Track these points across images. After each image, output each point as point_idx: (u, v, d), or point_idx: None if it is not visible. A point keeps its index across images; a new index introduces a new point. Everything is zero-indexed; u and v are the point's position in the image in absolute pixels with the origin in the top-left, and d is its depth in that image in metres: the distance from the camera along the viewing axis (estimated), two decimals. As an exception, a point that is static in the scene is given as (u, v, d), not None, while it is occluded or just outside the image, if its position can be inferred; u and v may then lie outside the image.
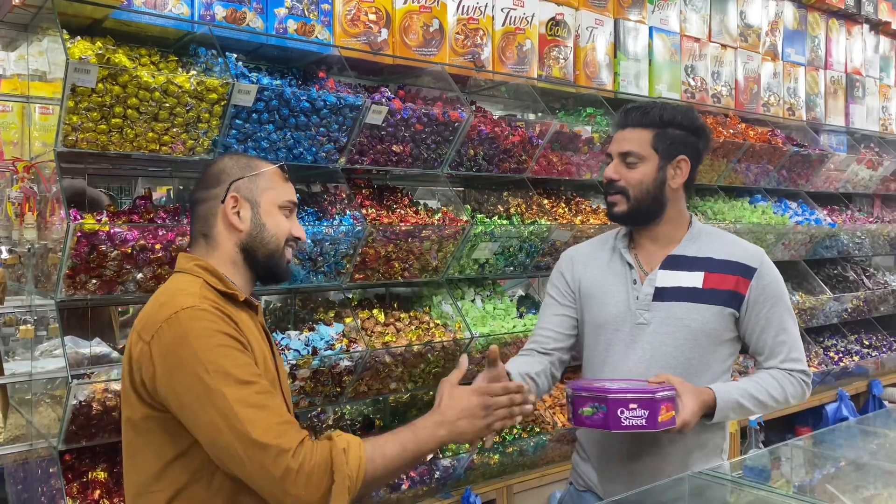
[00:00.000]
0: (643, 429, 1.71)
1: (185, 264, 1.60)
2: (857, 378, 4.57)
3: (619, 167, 1.95)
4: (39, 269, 2.26)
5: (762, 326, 1.93)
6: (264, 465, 1.36)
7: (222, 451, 1.38)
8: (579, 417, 1.75)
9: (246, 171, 1.61)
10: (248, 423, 1.36)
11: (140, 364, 1.45)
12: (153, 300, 1.53)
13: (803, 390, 1.96)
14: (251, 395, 1.40)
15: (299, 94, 2.30)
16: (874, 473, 2.13)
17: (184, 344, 1.41)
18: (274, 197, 1.62)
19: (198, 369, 1.39)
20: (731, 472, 1.95)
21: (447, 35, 2.79)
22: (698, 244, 1.97)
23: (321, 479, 1.37)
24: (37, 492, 2.30)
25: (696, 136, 1.97)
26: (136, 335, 1.48)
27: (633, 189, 1.92)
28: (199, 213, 1.62)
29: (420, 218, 2.66)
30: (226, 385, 1.38)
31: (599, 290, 2.00)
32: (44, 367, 2.26)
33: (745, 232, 3.77)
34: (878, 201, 5.31)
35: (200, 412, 1.38)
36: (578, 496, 2.08)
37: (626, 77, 3.44)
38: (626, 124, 1.96)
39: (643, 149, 1.92)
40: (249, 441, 1.36)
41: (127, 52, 2.17)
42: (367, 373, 2.52)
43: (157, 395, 1.43)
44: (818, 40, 4.59)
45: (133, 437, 1.50)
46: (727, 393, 1.84)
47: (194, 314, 1.44)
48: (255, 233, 1.60)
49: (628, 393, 1.71)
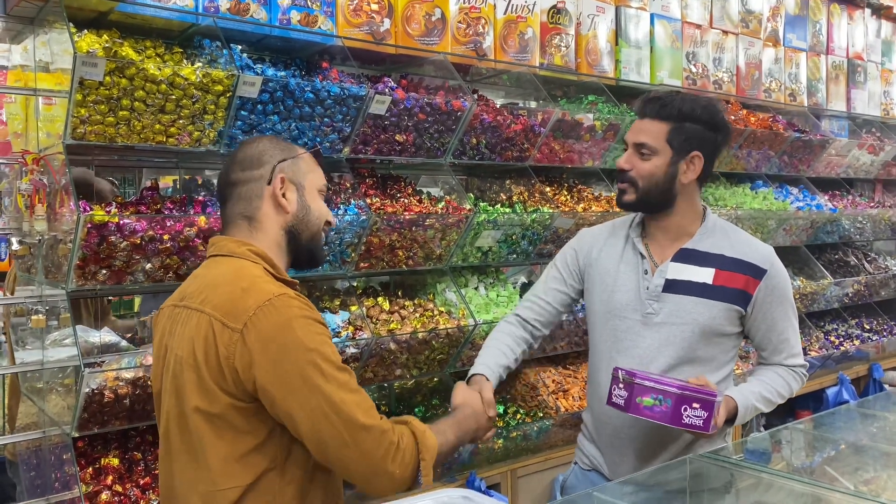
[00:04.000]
0: (697, 430, 1.74)
1: (236, 249, 1.55)
2: (858, 362, 4.61)
3: (633, 157, 1.96)
4: (50, 260, 2.30)
5: (768, 325, 1.98)
6: (368, 446, 1.42)
7: (327, 435, 1.41)
8: (636, 406, 1.76)
9: (287, 153, 1.61)
10: (353, 406, 1.42)
11: (229, 353, 1.41)
12: (228, 286, 1.47)
13: (802, 382, 2.06)
14: (350, 381, 1.46)
15: (303, 85, 2.32)
16: (874, 456, 2.15)
17: (287, 331, 1.40)
18: (315, 180, 1.64)
19: (304, 357, 1.40)
20: (733, 455, 1.99)
21: (449, 24, 2.80)
22: (712, 240, 1.99)
23: (412, 457, 1.48)
24: (50, 478, 2.34)
25: (715, 131, 1.95)
26: (220, 324, 1.42)
27: (643, 180, 1.94)
28: (241, 194, 1.58)
29: (424, 207, 2.68)
30: (330, 371, 1.42)
31: (611, 277, 2.03)
32: (55, 356, 2.30)
33: (747, 218, 3.79)
34: (879, 186, 5.32)
35: (308, 398, 1.40)
36: (584, 475, 2.13)
37: (628, 64, 3.45)
38: (645, 115, 1.96)
39: (657, 142, 1.92)
40: (357, 425, 1.41)
41: (132, 44, 2.20)
42: (373, 360, 2.56)
43: (250, 384, 1.40)
44: (820, 25, 4.58)
45: (206, 429, 1.45)
46: (746, 400, 1.91)
47: (289, 302, 1.44)
48: (302, 215, 1.60)
49: (694, 392, 1.73)
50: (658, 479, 1.86)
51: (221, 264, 1.54)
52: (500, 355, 2.05)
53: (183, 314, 1.52)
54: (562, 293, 2.13)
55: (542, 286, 2.16)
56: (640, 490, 1.80)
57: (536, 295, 2.15)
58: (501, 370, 2.02)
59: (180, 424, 1.49)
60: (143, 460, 2.26)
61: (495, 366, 2.01)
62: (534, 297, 2.15)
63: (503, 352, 2.06)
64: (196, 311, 1.48)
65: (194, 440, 1.46)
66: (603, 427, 2.07)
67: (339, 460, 1.43)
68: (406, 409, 3.00)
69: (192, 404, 1.45)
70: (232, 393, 1.43)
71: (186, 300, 1.53)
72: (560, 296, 2.14)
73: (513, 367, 2.07)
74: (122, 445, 2.29)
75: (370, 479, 1.45)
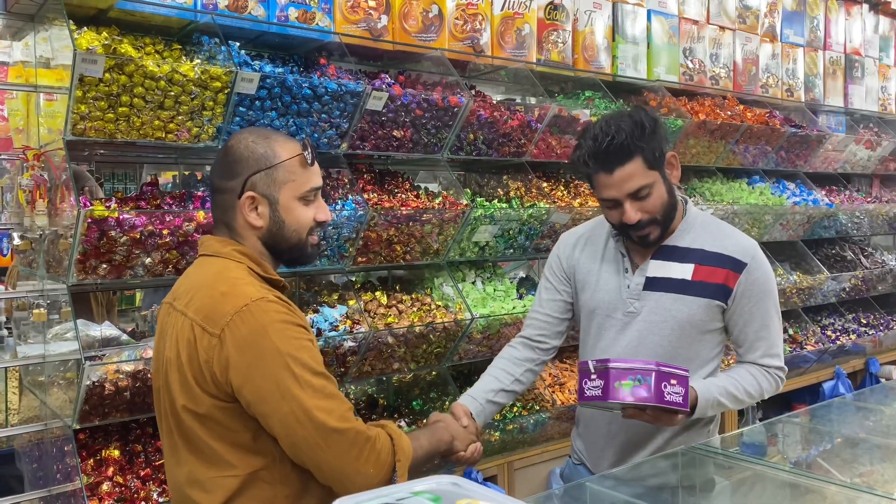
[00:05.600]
0: (678, 406, 1.71)
1: (221, 249, 1.55)
2: (855, 356, 4.63)
3: (636, 205, 1.84)
4: (50, 255, 2.32)
5: (745, 320, 1.94)
6: (342, 448, 1.44)
7: (300, 439, 1.42)
8: (615, 391, 1.71)
9: (262, 163, 1.53)
10: (325, 413, 1.43)
11: (209, 357, 1.43)
12: (208, 289, 1.48)
13: (777, 385, 1.99)
14: (325, 385, 1.46)
15: (301, 82, 2.34)
16: (868, 449, 2.17)
17: (263, 337, 1.41)
18: (293, 190, 1.55)
19: (279, 362, 1.41)
20: (728, 447, 2.00)
21: (446, 20, 2.82)
22: (692, 235, 1.96)
23: (388, 458, 1.49)
24: (52, 469, 2.37)
25: (657, 126, 1.87)
26: (199, 328, 1.44)
27: (660, 213, 1.88)
28: (218, 202, 1.58)
29: (421, 202, 2.71)
30: (304, 377, 1.42)
31: (593, 277, 2.04)
32: (56, 349, 2.32)
33: (743, 213, 3.81)
34: (876, 181, 5.34)
35: (281, 404, 1.40)
36: (574, 469, 2.16)
37: (625, 60, 3.47)
38: (612, 166, 1.82)
39: (647, 176, 1.84)
40: (329, 430, 1.42)
41: (132, 41, 2.22)
42: (371, 353, 2.59)
43: (228, 386, 1.42)
44: (817, 21, 4.59)
45: (196, 427, 1.47)
46: (708, 392, 1.86)
47: (266, 306, 1.44)
48: (276, 229, 1.56)
49: (670, 368, 1.71)
50: (650, 472, 1.88)
51: (206, 265, 1.56)
52: (491, 380, 2.06)
53: (173, 315, 1.55)
54: (556, 301, 2.12)
55: (538, 300, 2.16)
56: (632, 482, 1.82)
57: (535, 310, 2.15)
58: (488, 394, 2.02)
59: (175, 420, 1.52)
60: (143, 452, 2.29)
61: (478, 393, 2.02)
62: (533, 314, 2.15)
63: (494, 377, 2.07)
64: (181, 314, 1.51)
65: (190, 434, 1.49)
66: (587, 422, 2.10)
67: (314, 462, 1.45)
68: (404, 402, 3.03)
69: (180, 403, 1.48)
70: (213, 394, 1.45)
71: (176, 301, 1.55)
72: (555, 304, 2.12)
73: (511, 387, 2.06)
74: (123, 437, 2.33)
75: (344, 481, 1.46)
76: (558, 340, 2.14)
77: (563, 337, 2.15)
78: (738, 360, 2.02)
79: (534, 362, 2.12)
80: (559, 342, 2.15)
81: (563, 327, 2.13)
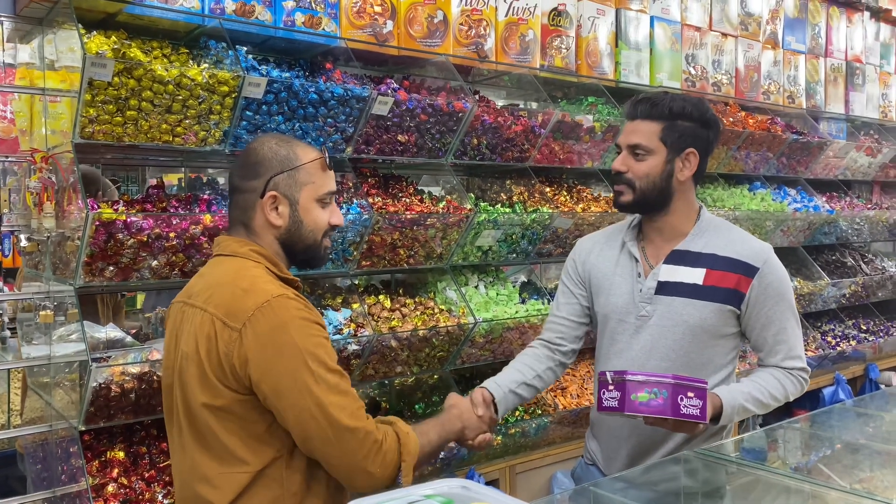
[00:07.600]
0: (695, 419, 1.72)
1: (239, 249, 1.60)
2: (855, 362, 4.64)
3: (628, 159, 1.96)
4: (57, 257, 2.33)
5: (763, 324, 1.94)
6: (351, 446, 1.49)
7: (313, 434, 1.48)
8: (631, 403, 1.73)
9: (285, 164, 1.60)
10: (339, 409, 1.48)
11: (229, 350, 1.47)
12: (229, 286, 1.53)
13: (802, 387, 2.00)
14: (340, 382, 1.51)
15: (307, 86, 2.35)
16: (868, 455, 2.17)
17: (283, 333, 1.46)
18: (313, 191, 1.62)
19: (297, 358, 1.46)
20: (729, 453, 2.01)
21: (451, 26, 2.84)
22: (705, 239, 1.98)
23: (394, 458, 1.54)
24: (57, 470, 2.38)
25: (706, 128, 1.96)
26: (220, 323, 1.49)
27: (640, 181, 1.94)
28: (238, 201, 1.63)
29: (425, 206, 2.72)
30: (321, 374, 1.48)
31: (607, 281, 2.05)
32: (61, 351, 2.33)
33: (744, 219, 3.82)
34: (877, 188, 5.36)
35: (297, 398, 1.46)
36: (586, 469, 2.18)
37: (628, 66, 3.49)
38: (636, 116, 1.96)
39: (651, 142, 1.93)
40: (341, 427, 1.48)
41: (140, 45, 2.23)
42: (374, 357, 2.60)
43: (247, 380, 1.47)
44: (819, 28, 4.61)
45: (212, 422, 1.51)
46: (733, 398, 1.86)
47: (287, 303, 1.49)
48: (294, 229, 1.62)
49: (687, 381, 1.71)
50: (654, 476, 1.88)
51: (225, 264, 1.60)
52: (514, 372, 2.06)
53: (189, 312, 1.59)
54: (573, 305, 2.14)
55: (555, 304, 2.18)
56: (637, 486, 1.82)
57: (553, 314, 2.17)
58: (511, 384, 2.02)
59: (189, 416, 1.55)
60: (148, 453, 2.30)
61: (503, 381, 2.02)
62: (551, 317, 2.17)
63: (517, 370, 2.07)
64: (200, 310, 1.55)
65: (203, 430, 1.53)
66: (601, 424, 2.11)
67: (323, 456, 1.51)
68: (406, 405, 3.04)
69: (198, 399, 1.52)
70: (232, 387, 1.49)
71: (193, 298, 1.60)
72: (572, 307, 2.14)
73: (533, 381, 2.06)
74: (128, 439, 2.33)
75: (350, 476, 1.53)
76: (577, 344, 2.15)
77: (581, 342, 2.17)
78: (759, 365, 2.03)
79: (554, 362, 2.13)
80: (577, 346, 2.16)
81: (580, 332, 2.15)
